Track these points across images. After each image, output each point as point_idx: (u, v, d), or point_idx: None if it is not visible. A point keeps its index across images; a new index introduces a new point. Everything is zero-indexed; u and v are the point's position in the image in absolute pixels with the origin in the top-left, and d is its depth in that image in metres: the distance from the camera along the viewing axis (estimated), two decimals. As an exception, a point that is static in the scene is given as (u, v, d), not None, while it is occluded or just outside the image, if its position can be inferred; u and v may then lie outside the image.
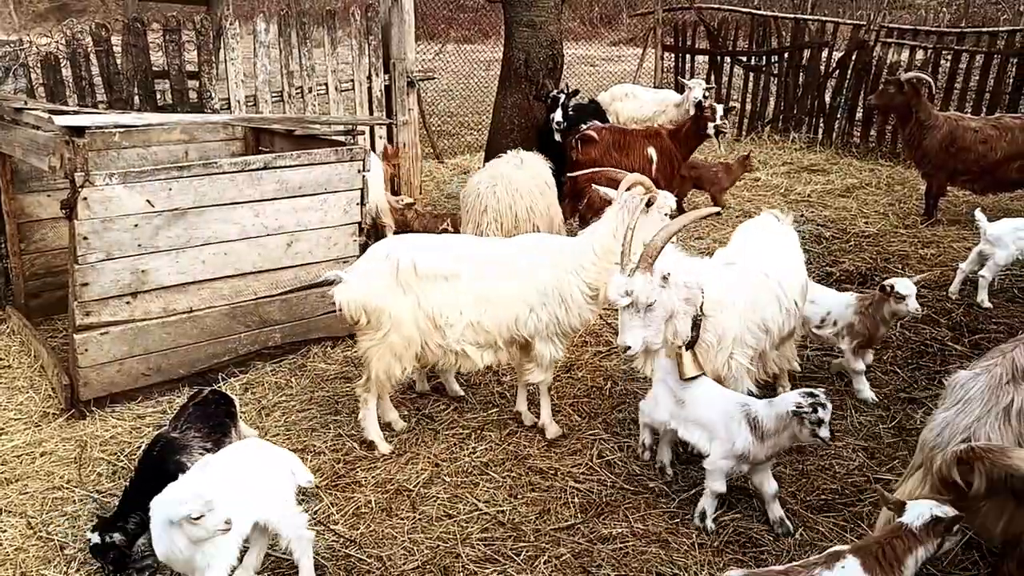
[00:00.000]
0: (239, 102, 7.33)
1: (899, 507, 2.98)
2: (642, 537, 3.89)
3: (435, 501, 4.20)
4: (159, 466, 3.52)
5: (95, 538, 3.40)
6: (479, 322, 4.49)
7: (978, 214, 6.45)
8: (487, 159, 9.51)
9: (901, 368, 5.49)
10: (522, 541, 3.88)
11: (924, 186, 8.79)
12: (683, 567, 3.69)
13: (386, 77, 8.31)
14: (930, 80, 8.72)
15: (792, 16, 13.65)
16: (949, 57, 11.29)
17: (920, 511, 2.91)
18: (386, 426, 4.86)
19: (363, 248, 5.66)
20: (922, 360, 5.60)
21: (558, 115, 8.29)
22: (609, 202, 4.62)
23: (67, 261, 6.07)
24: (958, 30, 11.54)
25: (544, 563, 3.72)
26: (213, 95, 7.17)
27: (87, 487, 4.29)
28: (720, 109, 8.32)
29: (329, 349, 5.89)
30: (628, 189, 4.54)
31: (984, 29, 11.32)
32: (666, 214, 4.58)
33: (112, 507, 3.86)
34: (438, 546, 3.86)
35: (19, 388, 5.31)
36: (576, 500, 4.19)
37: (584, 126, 8.36)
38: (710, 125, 8.21)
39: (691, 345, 3.91)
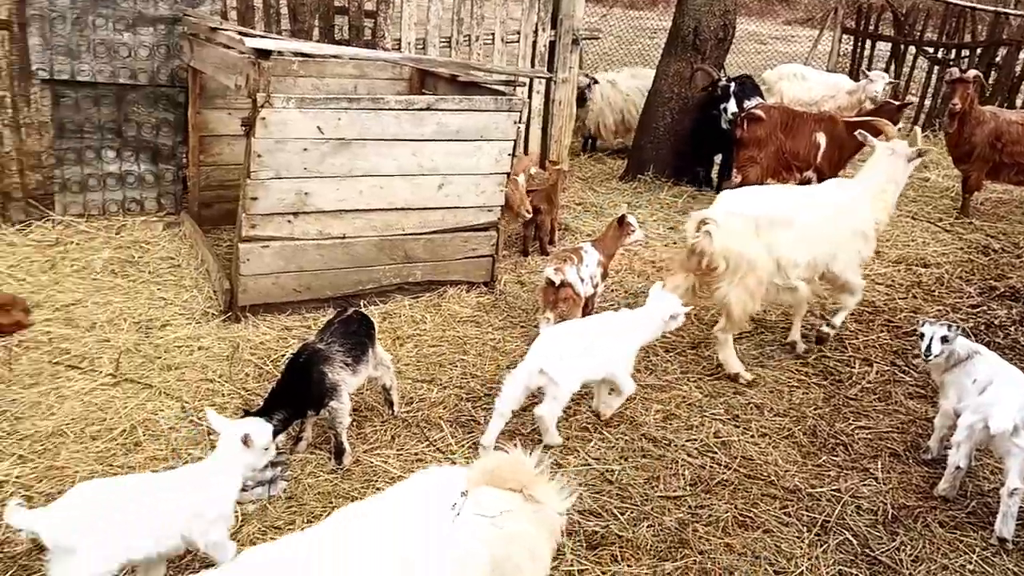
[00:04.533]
0: (409, 44, 7.57)
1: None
2: (749, 521, 3.85)
3: (546, 450, 4.30)
4: (303, 372, 3.80)
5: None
6: (810, 261, 5.11)
7: None
8: (640, 127, 9.42)
9: None
10: (628, 502, 3.93)
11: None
12: (787, 556, 3.64)
13: (552, 33, 8.33)
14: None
15: (993, 8, 12.57)
16: None
17: None
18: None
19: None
20: None
21: (732, 105, 8.05)
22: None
23: (239, 176, 6.57)
24: None
25: (647, 527, 3.76)
26: (386, 35, 7.43)
27: (236, 383, 4.67)
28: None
29: (464, 293, 6.08)
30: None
31: None
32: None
33: (255, 405, 4.20)
34: (546, 492, 3.97)
35: (185, 287, 5.81)
36: (686, 473, 4.19)
37: (748, 103, 8.10)
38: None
39: None
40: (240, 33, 5.15)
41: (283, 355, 4.97)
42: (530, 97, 8.36)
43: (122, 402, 4.39)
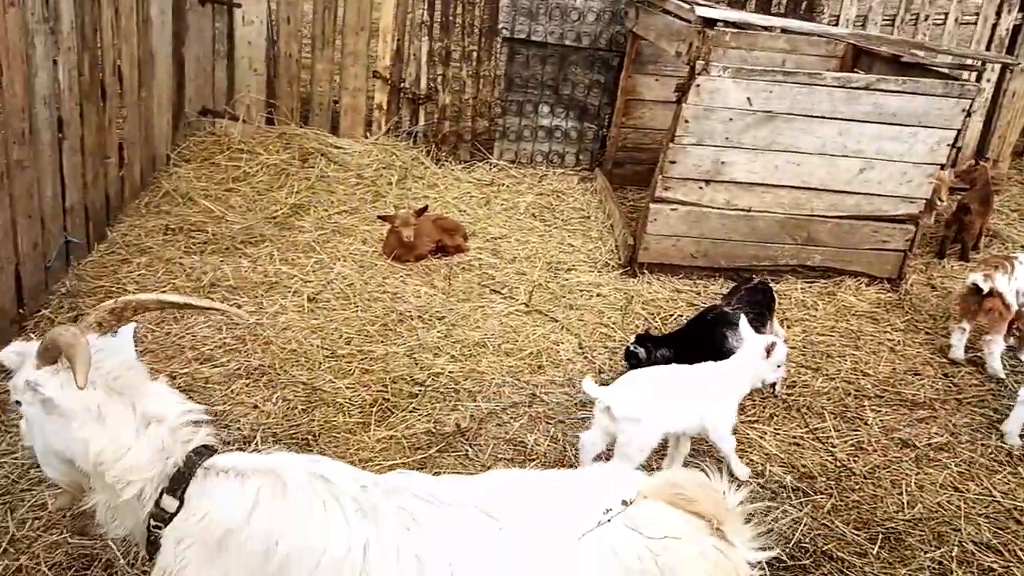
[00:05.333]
0: (848, 20, 7.19)
1: None
2: None
3: (940, 466, 3.96)
4: (707, 329, 3.97)
5: (631, 345, 4.16)
6: None
7: None
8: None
9: None
10: (1038, 548, 3.48)
11: None
12: None
13: (1018, 16, 7.30)
14: None
15: None
16: None
17: None
18: None
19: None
20: None
21: None
22: None
23: (654, 140, 6.89)
24: None
25: (1059, 582, 3.30)
26: (824, 10, 7.15)
27: (626, 332, 4.99)
28: None
29: (863, 285, 5.75)
30: None
31: None
32: None
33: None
34: (936, 510, 3.67)
35: (591, 237, 6.30)
36: (1125, 536, 3.57)
37: None
38: None
39: None
40: (688, 2, 5.33)
41: (671, 315, 5.19)
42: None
43: (531, 328, 4.95)
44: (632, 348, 4.17)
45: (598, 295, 5.45)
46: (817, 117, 5.17)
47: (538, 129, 7.41)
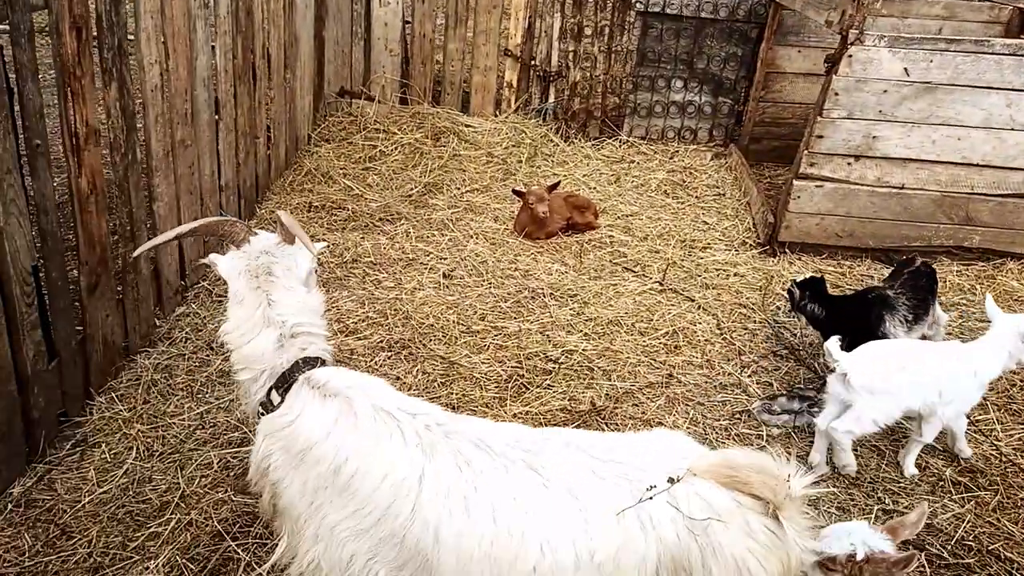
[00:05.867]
0: (1015, -19, 6.64)
1: None
2: None
3: None
4: (866, 306, 3.79)
5: (793, 283, 4.14)
6: None
7: None
8: None
9: None
10: None
11: None
12: None
13: None
14: None
15: None
16: None
17: None
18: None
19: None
20: None
21: None
22: None
23: (795, 114, 6.61)
24: None
25: None
26: (986, -29, 6.63)
27: (766, 313, 4.82)
28: None
29: (1028, 269, 5.34)
30: None
31: None
32: None
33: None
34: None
35: (726, 215, 6.11)
36: None
37: None
38: None
39: None
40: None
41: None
42: None
43: (666, 308, 4.85)
44: (791, 288, 4.15)
45: (735, 274, 5.29)
46: (983, 88, 4.80)
47: (670, 105, 7.24)
